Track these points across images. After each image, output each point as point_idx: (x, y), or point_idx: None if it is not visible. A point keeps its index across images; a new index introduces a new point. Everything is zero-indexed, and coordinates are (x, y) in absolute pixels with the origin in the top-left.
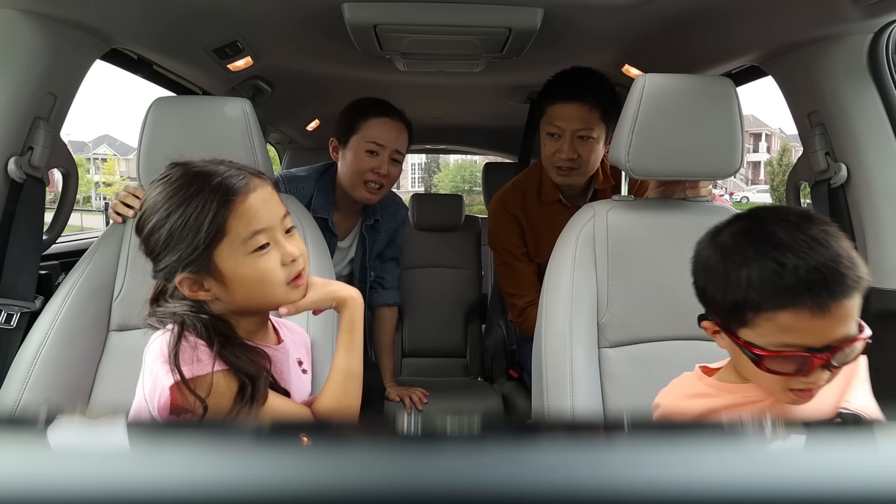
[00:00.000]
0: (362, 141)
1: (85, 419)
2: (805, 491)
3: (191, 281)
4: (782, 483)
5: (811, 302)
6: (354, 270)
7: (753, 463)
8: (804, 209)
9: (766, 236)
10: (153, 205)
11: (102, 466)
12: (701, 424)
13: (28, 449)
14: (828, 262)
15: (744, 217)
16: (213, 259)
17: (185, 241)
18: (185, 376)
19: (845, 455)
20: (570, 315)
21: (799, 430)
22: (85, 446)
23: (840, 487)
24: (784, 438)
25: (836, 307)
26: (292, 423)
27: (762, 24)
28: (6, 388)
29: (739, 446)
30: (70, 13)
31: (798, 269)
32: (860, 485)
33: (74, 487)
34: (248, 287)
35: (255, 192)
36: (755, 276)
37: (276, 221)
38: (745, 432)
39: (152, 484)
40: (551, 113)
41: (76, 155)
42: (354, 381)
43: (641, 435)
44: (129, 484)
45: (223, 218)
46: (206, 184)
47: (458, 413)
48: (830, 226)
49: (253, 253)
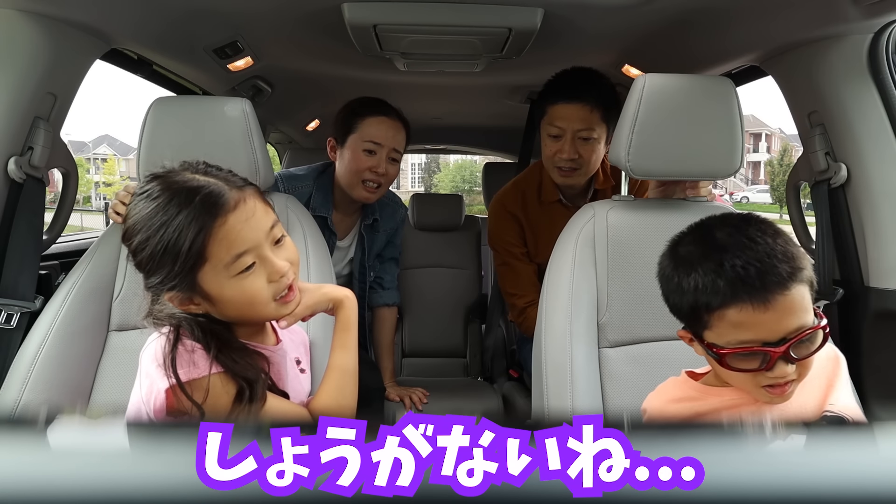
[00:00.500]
0: (359, 140)
1: (85, 419)
2: (805, 491)
3: (180, 298)
4: (782, 483)
5: (748, 296)
6: (354, 270)
7: (753, 463)
8: (747, 214)
9: (709, 241)
10: (134, 223)
11: (102, 466)
12: (701, 425)
13: (28, 449)
14: (762, 257)
15: (694, 226)
16: (197, 282)
17: (166, 266)
18: (182, 379)
19: (845, 455)
20: (570, 315)
21: (799, 430)
22: (85, 446)
23: (840, 487)
24: (784, 438)
25: (775, 299)
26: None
27: (762, 24)
28: (6, 388)
29: (739, 446)
30: (70, 13)
31: (735, 267)
32: (860, 485)
33: (74, 487)
34: (237, 306)
35: (236, 212)
36: (700, 279)
37: (262, 238)
38: (745, 432)
39: (152, 484)
40: (552, 113)
41: (76, 155)
42: (351, 379)
43: (641, 435)
44: (128, 484)
45: (202, 243)
46: (183, 205)
47: (458, 413)
48: (769, 225)
49: (238, 275)
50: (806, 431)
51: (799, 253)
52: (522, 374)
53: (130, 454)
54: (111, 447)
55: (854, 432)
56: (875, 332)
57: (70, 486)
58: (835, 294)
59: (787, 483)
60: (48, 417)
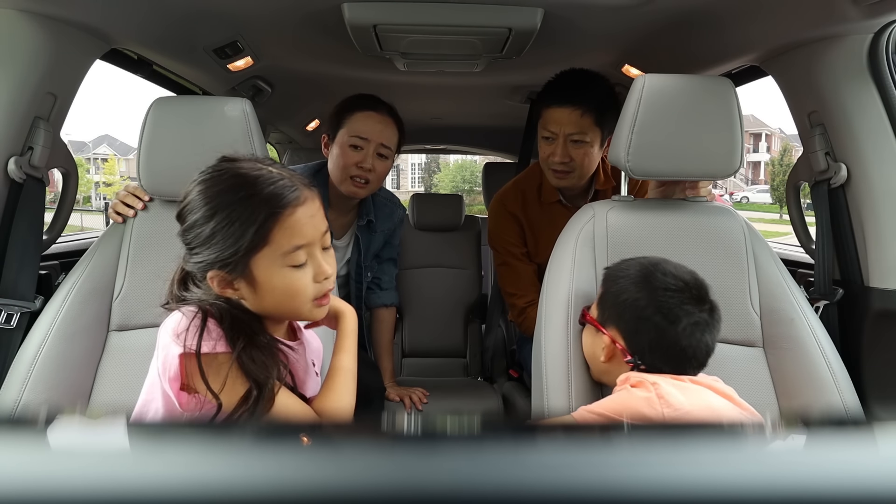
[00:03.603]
0: (346, 135)
1: (85, 419)
2: (805, 491)
3: (222, 279)
4: (782, 483)
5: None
6: (350, 271)
7: (753, 463)
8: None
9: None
10: (198, 199)
11: (102, 466)
12: (701, 425)
13: (28, 449)
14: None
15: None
16: (249, 265)
17: (226, 244)
18: (202, 351)
19: (845, 455)
20: (570, 315)
21: (799, 430)
22: (85, 446)
23: (840, 487)
24: (784, 438)
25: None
26: (292, 423)
27: (762, 24)
28: (6, 388)
29: (739, 446)
30: (70, 13)
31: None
32: (860, 485)
33: (74, 487)
34: (278, 297)
35: (304, 206)
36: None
37: (318, 237)
38: (744, 432)
39: (152, 484)
40: (546, 117)
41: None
42: (353, 380)
43: (641, 435)
44: (129, 484)
45: (268, 228)
46: (256, 190)
47: (458, 413)
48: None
49: (290, 267)
50: (806, 431)
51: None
52: (522, 374)
53: (130, 454)
54: (111, 447)
55: (854, 432)
56: (875, 332)
57: (70, 486)
58: (835, 294)
59: (786, 483)
60: (48, 417)
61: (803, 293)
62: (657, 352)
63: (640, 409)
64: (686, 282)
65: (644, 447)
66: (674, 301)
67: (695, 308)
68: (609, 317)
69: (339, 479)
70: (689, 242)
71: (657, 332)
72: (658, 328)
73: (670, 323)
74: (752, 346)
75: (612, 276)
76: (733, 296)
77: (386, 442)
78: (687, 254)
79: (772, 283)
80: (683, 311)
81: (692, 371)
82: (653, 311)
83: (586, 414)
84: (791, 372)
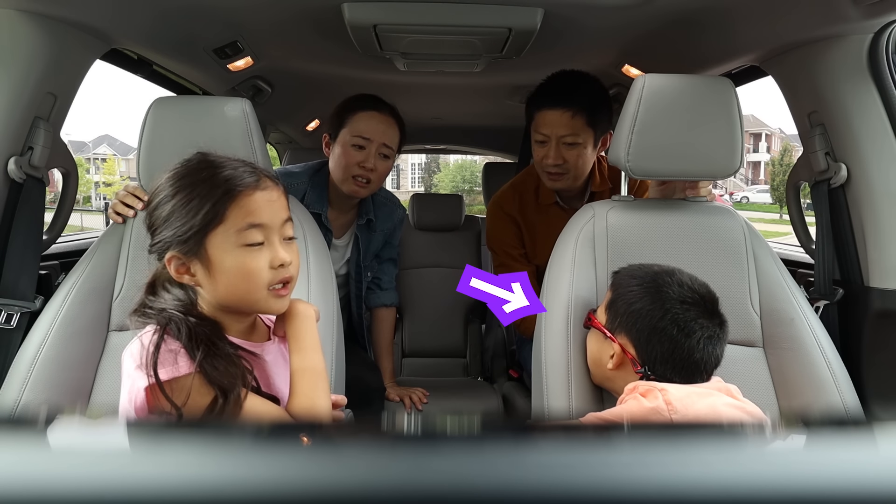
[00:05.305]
0: (349, 135)
1: (85, 419)
2: (805, 491)
3: (178, 261)
4: (782, 483)
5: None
6: (350, 270)
7: (753, 463)
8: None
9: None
10: (164, 184)
11: (102, 466)
12: (700, 425)
13: (28, 449)
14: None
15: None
16: (204, 243)
17: (182, 220)
18: (162, 378)
19: (845, 455)
20: (570, 315)
21: (799, 430)
22: (85, 446)
23: (840, 487)
24: (784, 439)
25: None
26: (292, 424)
27: (762, 24)
28: (6, 388)
29: (739, 446)
30: (70, 13)
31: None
32: (860, 485)
33: (74, 487)
34: (232, 280)
35: (263, 191)
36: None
37: (276, 223)
38: (744, 432)
39: (152, 484)
40: (538, 119)
41: (76, 155)
42: (320, 379)
43: (641, 435)
44: (129, 484)
45: (225, 205)
46: (216, 172)
47: (458, 413)
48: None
49: (244, 247)
50: (806, 431)
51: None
52: (522, 374)
53: (130, 454)
54: (111, 447)
55: (854, 432)
56: (875, 332)
57: (70, 487)
58: (835, 294)
59: (787, 483)
60: (48, 417)
61: (803, 293)
62: (669, 363)
63: (650, 419)
64: (701, 295)
65: (644, 447)
66: (690, 314)
67: (708, 321)
68: (620, 325)
69: (339, 480)
70: (689, 242)
71: (672, 344)
72: (673, 340)
73: (686, 336)
74: (752, 346)
75: (623, 283)
76: (733, 296)
77: (386, 442)
78: (687, 254)
79: (772, 283)
80: (699, 324)
81: (699, 381)
82: (668, 324)
83: (596, 421)
84: (791, 372)
